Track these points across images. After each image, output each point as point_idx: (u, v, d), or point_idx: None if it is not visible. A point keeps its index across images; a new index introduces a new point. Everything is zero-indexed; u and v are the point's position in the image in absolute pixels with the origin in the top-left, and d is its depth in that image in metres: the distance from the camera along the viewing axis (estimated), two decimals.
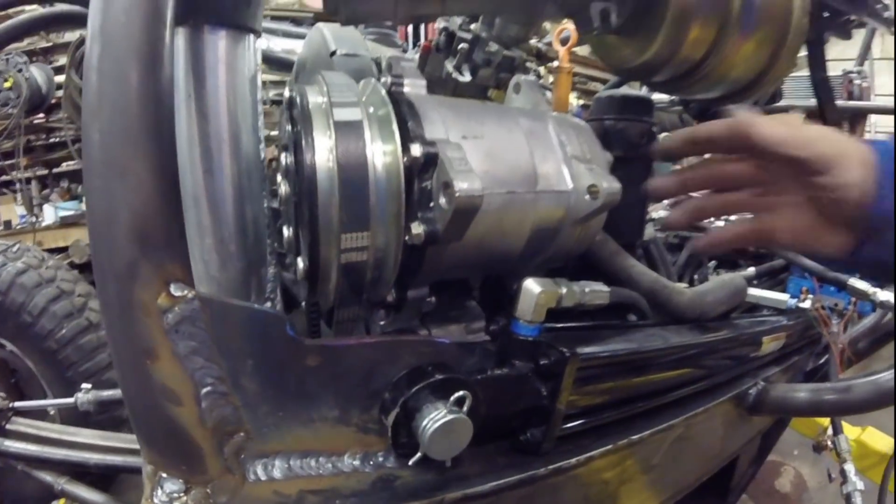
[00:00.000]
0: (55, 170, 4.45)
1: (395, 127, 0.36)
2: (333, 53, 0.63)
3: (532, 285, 0.43)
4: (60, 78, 4.01)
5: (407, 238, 0.35)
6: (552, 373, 0.42)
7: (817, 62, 0.91)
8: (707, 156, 0.52)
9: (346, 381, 0.37)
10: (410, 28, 3.29)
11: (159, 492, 0.33)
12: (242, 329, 0.33)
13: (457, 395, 0.35)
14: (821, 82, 0.94)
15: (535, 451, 0.44)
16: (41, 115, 4.06)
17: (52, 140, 4.26)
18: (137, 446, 1.24)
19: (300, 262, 0.36)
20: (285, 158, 0.38)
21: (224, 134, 0.52)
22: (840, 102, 2.46)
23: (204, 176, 0.52)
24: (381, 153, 0.35)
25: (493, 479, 0.40)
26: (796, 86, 2.24)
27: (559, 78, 0.73)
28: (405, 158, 0.34)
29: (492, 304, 0.51)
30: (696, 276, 1.19)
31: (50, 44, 4.13)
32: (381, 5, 0.43)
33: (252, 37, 0.54)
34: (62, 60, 4.19)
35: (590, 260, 0.61)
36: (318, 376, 0.36)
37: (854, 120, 2.40)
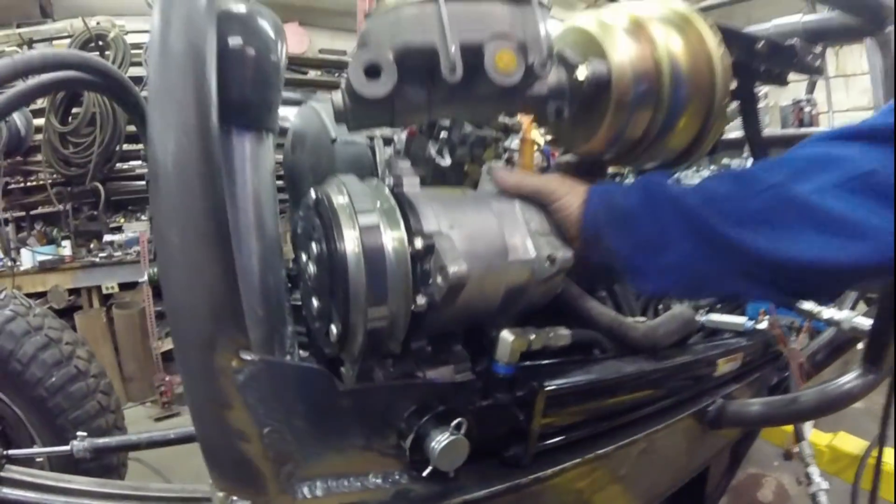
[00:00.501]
0: (32, 212, 4.49)
1: (401, 223, 0.50)
2: (334, 141, 0.77)
3: (507, 335, 0.56)
4: (38, 121, 4.09)
5: (413, 307, 0.49)
6: (526, 402, 0.56)
7: (749, 117, 1.08)
8: None
9: (370, 416, 0.50)
10: None
11: None
12: (294, 382, 0.46)
13: (455, 421, 0.48)
14: (753, 135, 1.12)
15: (518, 464, 0.57)
16: (18, 157, 4.12)
17: (29, 183, 4.32)
18: (133, 492, 1.34)
19: (333, 328, 0.49)
20: (315, 246, 0.52)
21: (251, 219, 0.65)
22: (791, 130, 2.71)
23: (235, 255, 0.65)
24: (392, 244, 0.49)
25: (485, 488, 0.53)
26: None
27: (523, 147, 0.88)
28: (411, 249, 0.48)
29: (475, 348, 0.64)
30: (660, 307, 1.34)
31: None
32: (381, 118, 0.57)
33: (271, 135, 0.68)
34: (41, 103, 4.27)
35: (559, 304, 0.74)
36: (349, 414, 0.49)
37: None
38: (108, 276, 4.05)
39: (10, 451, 1.70)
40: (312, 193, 0.54)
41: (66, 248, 4.06)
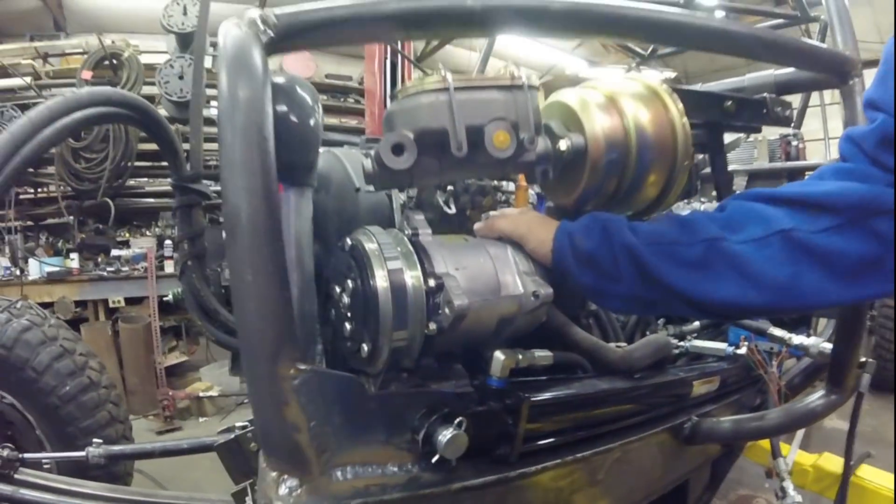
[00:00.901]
0: (41, 223, 4.67)
1: (418, 265, 0.66)
2: (358, 190, 0.94)
3: (499, 354, 0.72)
4: None
5: (426, 331, 0.64)
6: (514, 410, 0.71)
7: (717, 165, 1.25)
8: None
9: (390, 417, 0.65)
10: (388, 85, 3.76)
11: (283, 487, 0.60)
12: (334, 387, 0.61)
13: (457, 420, 0.63)
14: (720, 179, 1.27)
15: (506, 461, 0.72)
16: (30, 168, 4.32)
17: (39, 194, 4.50)
18: (144, 499, 1.51)
19: (365, 347, 0.64)
20: (350, 283, 0.67)
21: (293, 257, 0.81)
22: (778, 164, 2.89)
23: None
24: (411, 282, 0.64)
25: (478, 478, 0.68)
26: (739, 155, 2.68)
27: (518, 193, 1.05)
28: (425, 286, 0.64)
29: (472, 366, 0.79)
30: (647, 332, 1.49)
31: (43, 99, 4.42)
32: (403, 182, 0.73)
33: (310, 189, 0.84)
34: None
35: (547, 331, 0.90)
36: (374, 415, 0.64)
37: (791, 178, 2.83)
38: (115, 290, 4.21)
39: (26, 455, 1.82)
40: (348, 241, 0.70)
41: (74, 261, 4.22)
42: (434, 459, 0.63)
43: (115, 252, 4.48)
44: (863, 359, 1.36)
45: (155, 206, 5.01)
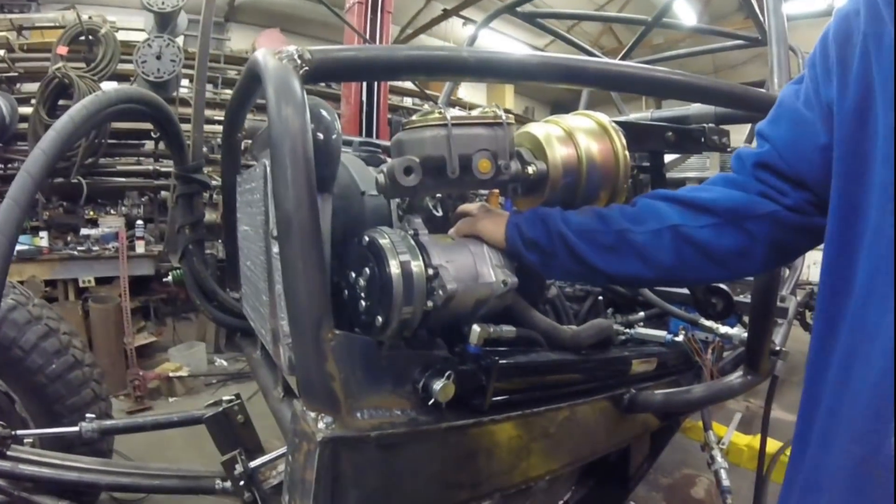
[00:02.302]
0: None
1: (421, 258, 0.90)
2: (363, 193, 1.17)
3: (476, 327, 0.98)
4: (24, 109, 4.28)
5: (425, 308, 0.89)
6: (487, 370, 0.97)
7: (656, 183, 1.53)
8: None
9: (396, 370, 0.90)
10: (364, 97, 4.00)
11: (321, 422, 0.83)
12: (358, 348, 0.86)
13: (447, 373, 0.89)
14: None
15: (480, 410, 0.98)
16: (0, 144, 4.32)
17: (10, 171, 4.51)
18: (136, 471, 1.74)
19: (379, 319, 0.89)
20: (367, 270, 0.92)
21: None
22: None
23: None
24: (416, 270, 0.89)
25: (459, 420, 0.94)
26: (693, 163, 3.01)
27: (490, 197, 1.30)
28: (426, 274, 0.89)
29: (448, 339, 1.05)
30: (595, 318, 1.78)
31: (16, 73, 4.39)
32: (408, 194, 0.98)
33: (330, 195, 1.07)
34: (26, 88, 4.45)
35: (512, 313, 1.16)
36: (385, 370, 0.89)
37: None
38: (85, 270, 4.29)
39: (19, 431, 1.94)
40: (366, 237, 0.94)
41: (44, 240, 4.27)
42: (430, 403, 0.88)
43: (84, 231, 4.54)
44: (778, 348, 1.68)
45: (123, 186, 5.07)
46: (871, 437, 0.59)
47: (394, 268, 0.88)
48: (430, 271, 0.90)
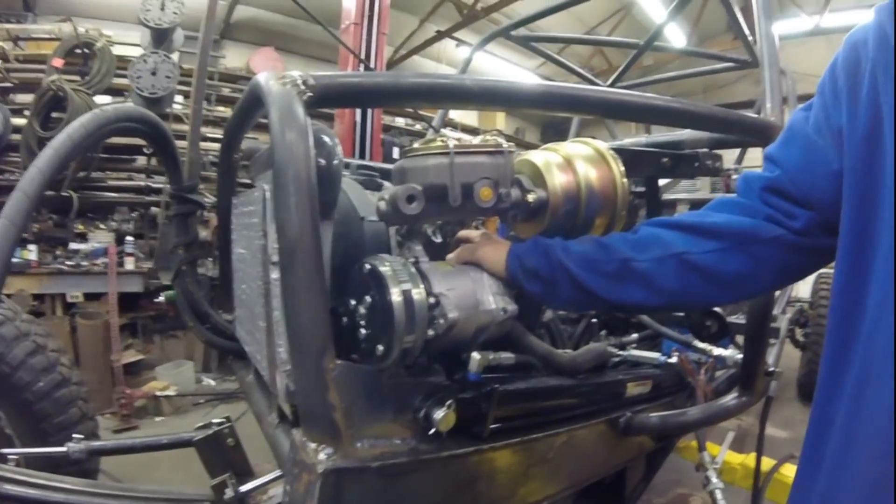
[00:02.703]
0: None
1: (422, 286, 0.90)
2: (363, 219, 1.18)
3: (476, 354, 0.98)
4: (17, 120, 4.24)
5: (426, 336, 0.89)
6: (487, 397, 0.96)
7: (651, 209, 1.55)
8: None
9: (397, 398, 0.89)
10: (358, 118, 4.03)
11: (322, 454, 0.82)
12: (358, 375, 0.85)
13: (448, 402, 0.88)
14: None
15: (480, 437, 0.98)
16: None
17: (0, 182, 4.45)
18: (125, 493, 1.70)
19: (380, 347, 0.88)
20: (368, 297, 0.91)
21: None
22: (719, 195, 3.30)
23: None
24: (417, 298, 0.89)
25: (461, 447, 0.93)
26: (683, 185, 3.06)
27: (487, 223, 1.31)
28: (428, 302, 0.89)
29: (448, 364, 1.04)
30: (591, 342, 1.78)
31: (10, 84, 4.35)
32: (410, 221, 0.98)
33: (331, 222, 1.07)
34: (20, 99, 4.41)
35: (511, 339, 1.16)
36: (386, 399, 0.88)
37: None
38: (74, 285, 4.22)
39: (4, 450, 1.89)
40: (366, 265, 0.94)
41: (33, 253, 4.21)
42: (431, 432, 0.87)
43: (73, 245, 4.49)
44: (772, 368, 1.68)
45: (114, 200, 5.03)
46: (889, 458, 0.60)
47: (395, 296, 0.87)
48: (432, 299, 0.90)
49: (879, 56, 0.66)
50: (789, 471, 2.09)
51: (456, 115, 8.49)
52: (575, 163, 1.11)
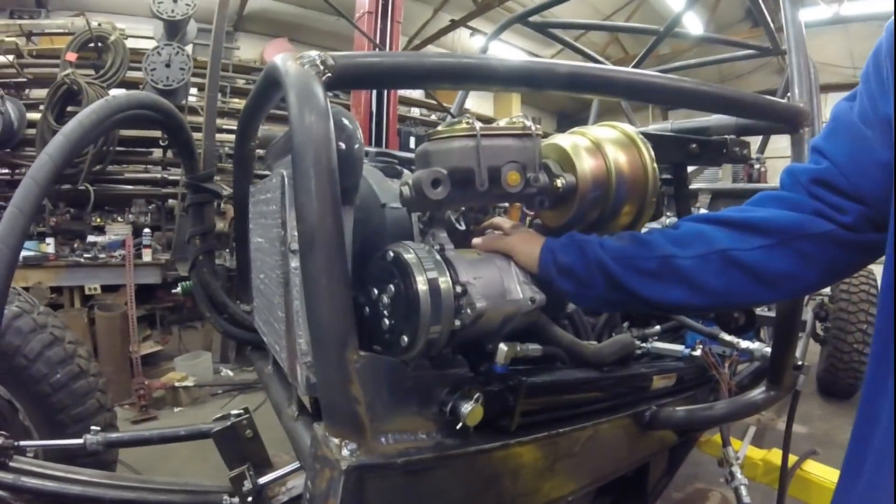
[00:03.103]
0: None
1: (448, 274, 0.86)
2: (384, 206, 1.13)
3: (503, 346, 0.93)
4: (32, 115, 4.26)
5: (452, 326, 0.85)
6: (514, 390, 0.92)
7: (680, 197, 1.49)
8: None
9: (421, 391, 0.85)
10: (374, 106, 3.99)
11: (345, 449, 0.78)
12: (383, 369, 0.81)
13: (475, 395, 0.84)
14: (682, 208, 1.51)
15: (507, 431, 0.94)
16: (8, 149, 4.28)
17: (17, 176, 4.48)
18: (141, 484, 1.67)
19: (405, 338, 0.84)
20: (392, 286, 0.87)
21: None
22: (741, 185, 3.22)
23: None
24: (444, 287, 0.85)
25: (486, 443, 0.89)
26: (705, 175, 2.98)
27: (511, 210, 1.26)
28: (454, 291, 0.85)
29: (475, 357, 1.00)
30: (613, 333, 1.73)
31: (25, 79, 4.38)
32: (434, 207, 0.93)
33: (352, 207, 1.03)
34: (34, 94, 4.43)
35: (535, 329, 1.12)
36: (409, 390, 0.84)
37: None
38: (91, 278, 4.25)
39: (21, 442, 1.89)
40: (390, 252, 0.90)
41: (50, 246, 4.24)
42: (458, 427, 0.84)
43: (90, 238, 4.51)
44: (800, 362, 1.63)
45: (131, 193, 5.05)
46: None
47: (421, 284, 0.83)
48: (458, 288, 0.86)
49: None
50: (811, 467, 2.04)
51: (471, 104, 8.43)
52: (604, 147, 1.06)
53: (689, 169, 2.82)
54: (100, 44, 4.40)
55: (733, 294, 0.87)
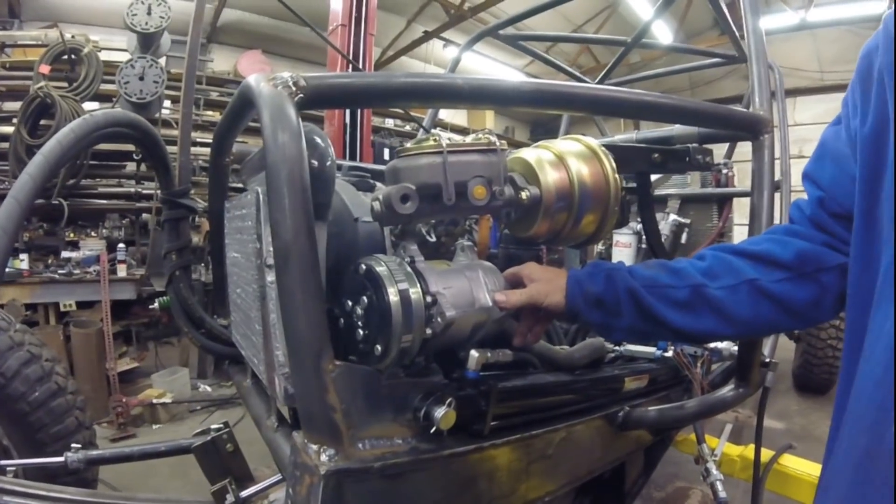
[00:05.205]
0: None
1: (419, 285, 0.90)
2: (357, 220, 1.17)
3: (474, 352, 0.98)
4: (4, 128, 4.18)
5: (424, 335, 0.89)
6: (486, 395, 0.96)
7: (644, 206, 1.56)
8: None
9: (396, 398, 0.89)
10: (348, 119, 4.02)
11: (324, 455, 0.82)
12: (357, 376, 0.85)
13: (448, 401, 0.88)
14: (646, 216, 1.58)
15: (480, 435, 0.98)
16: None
17: None
18: (124, 501, 1.68)
19: (379, 348, 0.88)
20: (365, 298, 0.91)
21: None
22: (709, 189, 3.32)
23: None
24: (415, 297, 0.89)
25: (460, 447, 0.93)
26: (674, 180, 3.08)
27: (481, 222, 1.31)
28: (425, 301, 0.89)
29: (445, 362, 1.04)
30: (585, 337, 1.79)
31: None
32: (403, 221, 0.98)
33: (325, 223, 1.07)
34: (7, 107, 4.36)
35: (506, 336, 1.16)
36: (384, 397, 0.88)
37: (721, 203, 3.26)
38: (66, 294, 4.18)
39: (2, 462, 1.86)
40: (362, 265, 0.94)
41: (24, 262, 4.17)
42: (432, 431, 0.88)
43: (65, 254, 4.44)
44: (768, 359, 1.70)
45: (104, 207, 4.99)
46: (875, 429, 0.61)
47: (392, 296, 0.87)
48: (429, 298, 0.90)
49: (885, 58, 0.68)
50: (788, 461, 2.10)
51: (445, 115, 8.51)
52: (567, 160, 1.11)
53: (656, 176, 2.92)
54: (73, 56, 4.35)
55: (759, 324, 0.90)
